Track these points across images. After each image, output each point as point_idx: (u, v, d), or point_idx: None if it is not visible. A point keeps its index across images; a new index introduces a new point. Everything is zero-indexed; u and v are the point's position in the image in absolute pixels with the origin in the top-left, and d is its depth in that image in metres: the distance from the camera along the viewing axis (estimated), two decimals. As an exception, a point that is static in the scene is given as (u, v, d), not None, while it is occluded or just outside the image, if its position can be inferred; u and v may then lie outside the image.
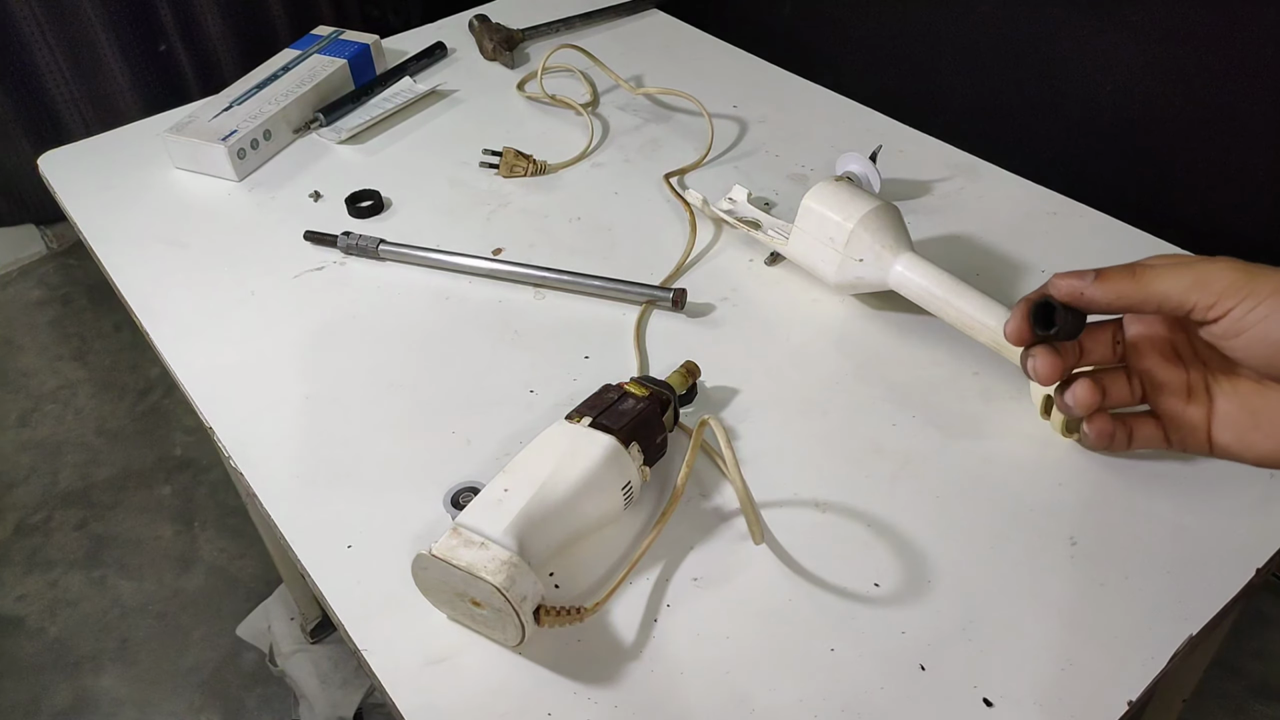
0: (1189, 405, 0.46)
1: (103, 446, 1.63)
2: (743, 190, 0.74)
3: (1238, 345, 0.40)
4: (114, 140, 0.88)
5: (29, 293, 1.97)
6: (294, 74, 0.90)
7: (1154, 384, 0.47)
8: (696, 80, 0.92)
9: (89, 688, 1.29)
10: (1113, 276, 0.42)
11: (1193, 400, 0.46)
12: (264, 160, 0.84)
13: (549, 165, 0.82)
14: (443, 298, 0.70)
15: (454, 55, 1.00)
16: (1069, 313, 0.43)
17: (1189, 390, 0.46)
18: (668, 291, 0.66)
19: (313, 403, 0.61)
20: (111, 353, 1.82)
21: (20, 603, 1.39)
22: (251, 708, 1.26)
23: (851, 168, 0.73)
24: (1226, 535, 0.52)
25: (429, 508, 0.54)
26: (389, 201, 0.79)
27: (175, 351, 0.66)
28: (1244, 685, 1.24)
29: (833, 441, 0.57)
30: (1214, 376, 0.45)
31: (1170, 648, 0.46)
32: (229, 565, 1.43)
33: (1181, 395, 0.46)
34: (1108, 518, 0.53)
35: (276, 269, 0.73)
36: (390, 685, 0.46)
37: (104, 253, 0.75)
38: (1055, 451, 0.57)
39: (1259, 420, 0.43)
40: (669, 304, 0.66)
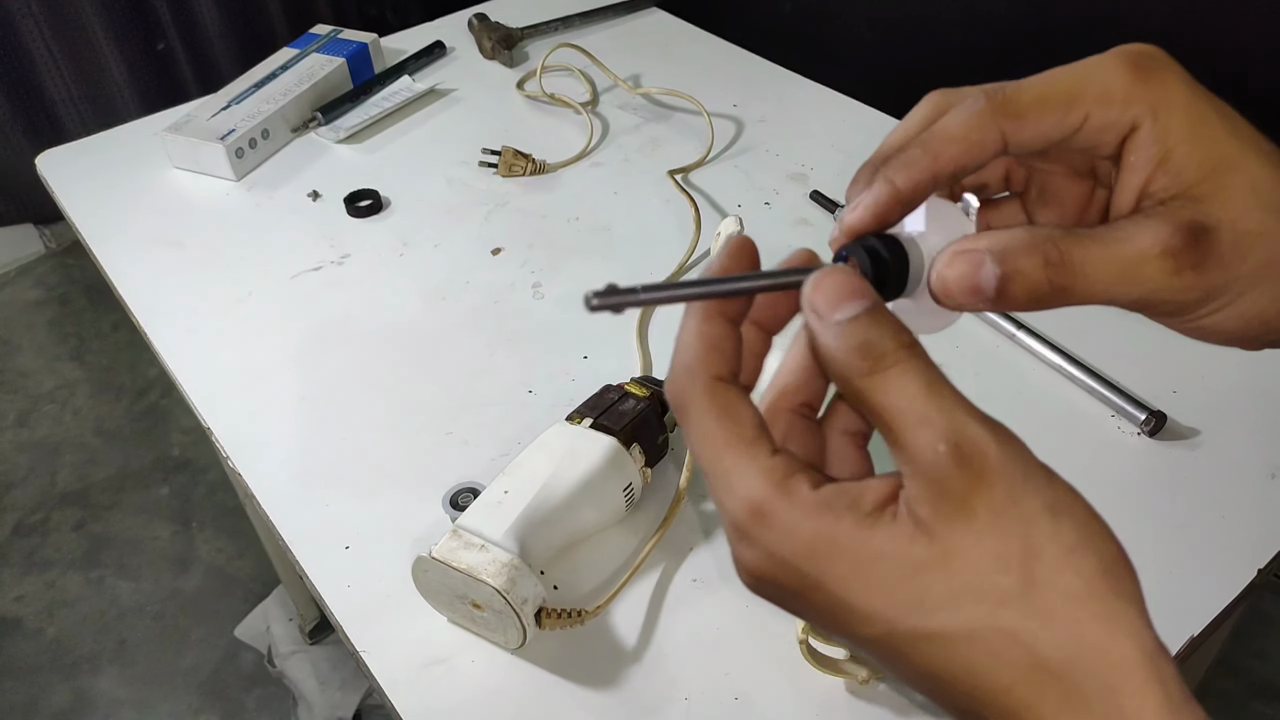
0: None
1: (101, 447, 1.63)
2: (734, 223, 0.67)
3: (1201, 327, 0.29)
4: (112, 139, 0.88)
5: (27, 292, 1.96)
6: (292, 73, 0.89)
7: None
8: (696, 79, 0.92)
9: (87, 688, 1.28)
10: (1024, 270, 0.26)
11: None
12: (262, 159, 0.84)
13: (548, 165, 0.82)
14: (440, 297, 0.69)
15: (453, 54, 1.00)
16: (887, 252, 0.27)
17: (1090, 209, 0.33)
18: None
19: (311, 403, 0.61)
20: (109, 353, 1.81)
21: (18, 603, 1.39)
22: (250, 709, 1.26)
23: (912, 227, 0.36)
24: (1228, 536, 0.51)
25: (428, 509, 0.53)
26: (387, 201, 0.79)
27: (173, 351, 0.65)
28: (1245, 685, 1.24)
29: (834, 442, 0.57)
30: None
31: (1172, 649, 0.46)
32: (227, 566, 1.43)
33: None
34: (1109, 518, 0.52)
35: (275, 269, 0.72)
36: (389, 687, 0.46)
37: (102, 252, 0.75)
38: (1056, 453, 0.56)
39: None
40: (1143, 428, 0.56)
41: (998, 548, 0.23)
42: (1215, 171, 0.27)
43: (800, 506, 0.24)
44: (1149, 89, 0.27)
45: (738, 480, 0.24)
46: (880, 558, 0.23)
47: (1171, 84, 0.27)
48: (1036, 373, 0.61)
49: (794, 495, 0.24)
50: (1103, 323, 0.64)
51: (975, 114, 0.28)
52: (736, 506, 0.24)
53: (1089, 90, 0.27)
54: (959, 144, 0.28)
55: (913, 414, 0.23)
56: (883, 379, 0.24)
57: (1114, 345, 0.62)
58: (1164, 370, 0.60)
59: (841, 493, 0.24)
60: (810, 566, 0.24)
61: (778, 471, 0.24)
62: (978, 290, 0.26)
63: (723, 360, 0.26)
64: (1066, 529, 0.23)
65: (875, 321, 0.24)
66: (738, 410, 0.25)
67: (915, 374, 0.24)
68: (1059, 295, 0.26)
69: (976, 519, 0.23)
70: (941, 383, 0.24)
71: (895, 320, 0.25)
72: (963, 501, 0.23)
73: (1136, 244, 0.26)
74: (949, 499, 0.23)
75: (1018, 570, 0.23)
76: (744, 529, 0.24)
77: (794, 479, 0.24)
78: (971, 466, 0.23)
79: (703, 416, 0.25)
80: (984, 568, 0.23)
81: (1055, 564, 0.23)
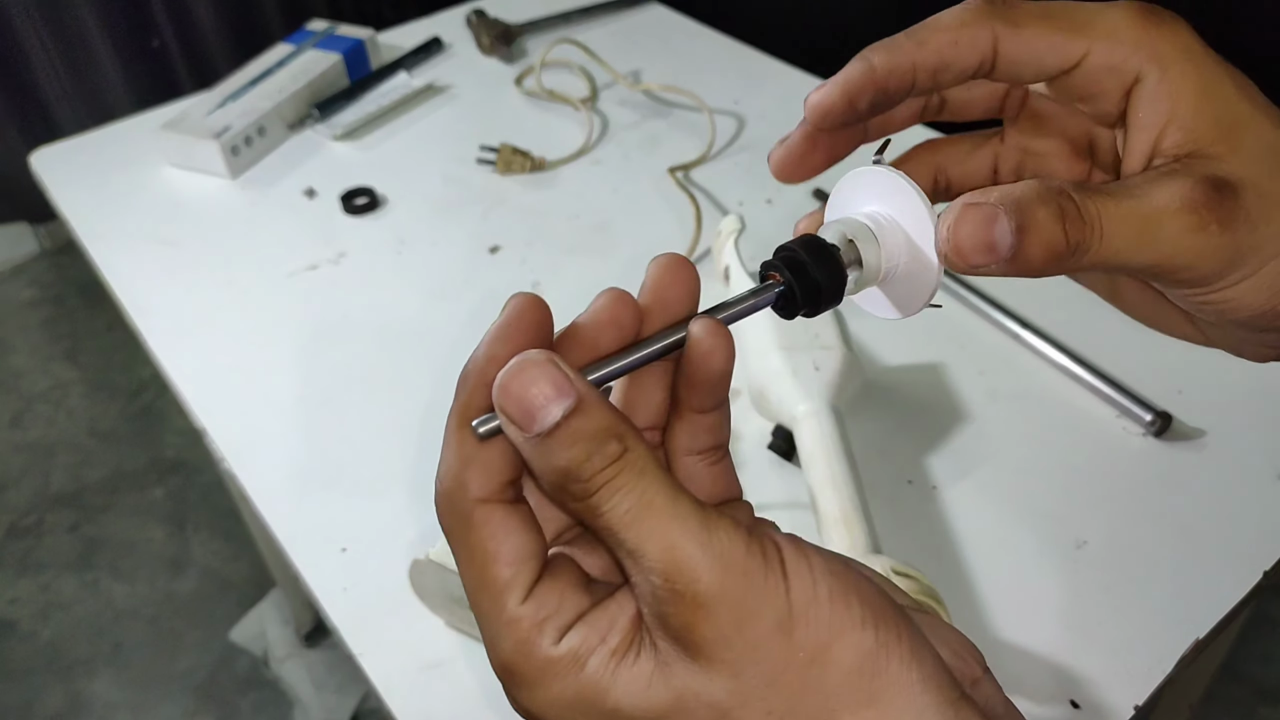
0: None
1: (95, 448, 1.62)
2: (734, 221, 0.66)
3: (1212, 309, 0.26)
4: (106, 137, 0.87)
5: (21, 292, 1.95)
6: (288, 69, 0.88)
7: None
8: (696, 75, 0.91)
9: (82, 692, 1.28)
10: (1041, 223, 0.23)
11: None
12: (258, 157, 0.83)
13: (547, 162, 0.81)
14: (438, 296, 0.69)
15: (450, 50, 0.99)
16: (815, 263, 0.25)
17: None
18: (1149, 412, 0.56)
19: (307, 403, 0.60)
20: (104, 353, 1.80)
21: (12, 606, 1.38)
22: (246, 712, 1.25)
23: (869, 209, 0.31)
24: (1233, 538, 0.51)
25: (425, 511, 0.53)
26: (384, 198, 0.78)
27: (167, 351, 0.65)
28: (1251, 689, 1.23)
29: (837, 442, 0.56)
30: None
31: (1177, 652, 0.46)
32: (222, 568, 1.42)
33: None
34: (1115, 521, 0.52)
35: (270, 267, 0.71)
36: (386, 691, 0.45)
37: (96, 251, 0.74)
38: (1061, 453, 0.56)
39: None
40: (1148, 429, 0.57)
41: (729, 684, 0.21)
42: (1231, 130, 0.25)
43: (542, 668, 0.22)
44: (1159, 38, 0.25)
45: (488, 632, 0.23)
46: (620, 712, 0.22)
47: (1182, 37, 0.26)
48: (1042, 373, 0.61)
49: (536, 655, 0.22)
50: (1108, 322, 0.64)
51: (969, 9, 0.26)
52: (491, 658, 0.23)
53: (1096, 25, 0.26)
54: (946, 34, 0.26)
55: (625, 545, 0.21)
56: (593, 504, 0.21)
57: (1120, 345, 0.61)
58: (1170, 371, 0.60)
59: (590, 634, 0.22)
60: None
61: (523, 624, 0.22)
62: (992, 248, 0.24)
63: (485, 476, 0.23)
64: (802, 639, 0.21)
65: (577, 432, 0.21)
66: (490, 546, 0.23)
67: (623, 494, 0.21)
68: (1076, 255, 0.24)
69: (702, 654, 0.21)
70: (651, 496, 0.21)
71: (601, 421, 0.21)
72: (687, 638, 0.21)
73: (1155, 199, 0.24)
74: (673, 635, 0.21)
75: (757, 704, 0.21)
76: (502, 682, 0.23)
77: (539, 631, 0.22)
78: (685, 600, 0.20)
79: (459, 550, 0.23)
80: (720, 706, 0.21)
81: (794, 688, 0.21)
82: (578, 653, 0.22)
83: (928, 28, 0.26)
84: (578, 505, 0.21)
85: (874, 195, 0.26)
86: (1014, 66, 0.26)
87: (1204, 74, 0.25)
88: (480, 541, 0.23)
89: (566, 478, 0.21)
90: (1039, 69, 0.26)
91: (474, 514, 0.23)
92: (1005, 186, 0.24)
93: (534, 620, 0.22)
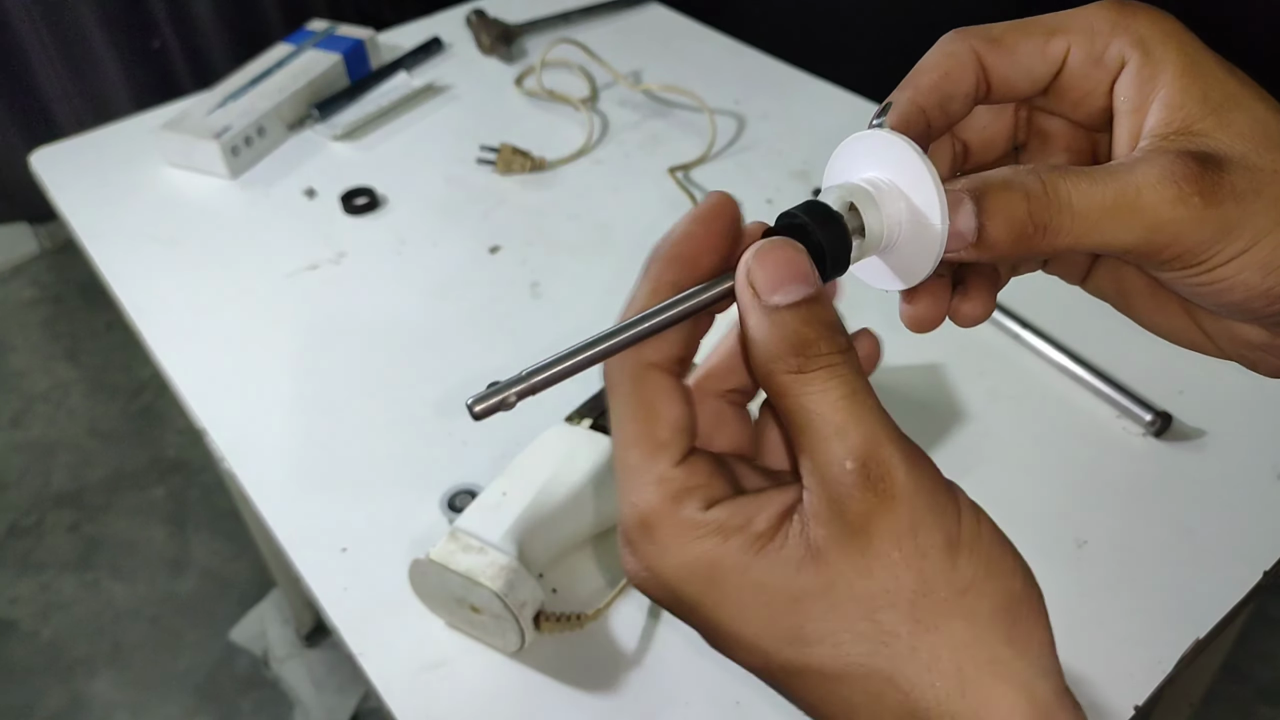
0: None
1: (95, 447, 1.62)
2: None
3: (1204, 292, 0.25)
4: (106, 137, 0.87)
5: (21, 292, 1.95)
6: (288, 69, 0.88)
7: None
8: (697, 75, 0.91)
9: (82, 691, 1.28)
10: (1003, 206, 0.24)
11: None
12: (258, 157, 0.83)
13: (547, 162, 0.81)
14: (439, 296, 0.68)
15: (450, 50, 0.99)
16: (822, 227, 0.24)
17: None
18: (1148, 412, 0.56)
19: (307, 403, 0.60)
20: (104, 352, 1.80)
21: (13, 606, 1.38)
22: (246, 712, 1.25)
23: (869, 174, 0.29)
24: (1233, 538, 0.51)
25: (425, 511, 0.53)
26: (384, 199, 0.78)
27: (167, 351, 0.65)
28: (1251, 689, 1.23)
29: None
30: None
31: (1177, 651, 0.46)
32: (222, 568, 1.42)
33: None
34: (1115, 521, 0.52)
35: (270, 267, 0.71)
36: (386, 690, 0.45)
37: (96, 250, 0.74)
38: (1062, 453, 0.56)
39: None
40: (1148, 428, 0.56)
41: (888, 582, 0.21)
42: (1220, 107, 0.24)
43: (686, 527, 0.23)
44: (1138, 23, 0.25)
45: (633, 484, 0.23)
46: (761, 587, 0.22)
47: (1163, 22, 0.25)
48: (1042, 373, 0.61)
49: (681, 514, 0.23)
50: (1109, 323, 0.64)
51: (946, 40, 0.27)
52: (627, 512, 0.23)
53: (1072, 24, 0.26)
54: (934, 71, 0.26)
55: (829, 423, 0.22)
56: (806, 380, 0.22)
57: (1120, 345, 0.61)
58: (1170, 371, 0.60)
59: (736, 512, 0.23)
60: (687, 589, 0.23)
61: (674, 483, 0.23)
62: (957, 234, 0.24)
63: (662, 346, 0.24)
64: (963, 567, 0.22)
65: (814, 315, 0.22)
66: (657, 406, 0.24)
67: (840, 380, 0.22)
68: (1045, 235, 0.23)
69: (870, 547, 0.21)
70: (864, 394, 0.22)
71: (834, 316, 0.23)
72: (861, 526, 0.21)
73: (1135, 175, 0.23)
74: (847, 521, 0.21)
75: (905, 609, 0.21)
76: (629, 536, 0.24)
77: (689, 494, 0.23)
78: (876, 489, 0.21)
79: (621, 405, 0.24)
80: (870, 603, 0.21)
81: (945, 607, 0.21)
82: (724, 524, 0.22)
83: (917, 72, 0.27)
84: (791, 378, 0.22)
85: (873, 161, 0.25)
86: (1007, 82, 0.26)
87: (1188, 53, 0.25)
88: (647, 399, 0.24)
89: (794, 348, 0.22)
90: (1030, 78, 0.26)
91: (647, 374, 0.24)
92: (978, 174, 0.24)
93: (685, 484, 0.23)
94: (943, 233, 0.24)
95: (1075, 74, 0.26)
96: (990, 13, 0.39)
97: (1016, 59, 0.26)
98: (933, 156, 0.27)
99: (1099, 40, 0.25)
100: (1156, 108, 0.25)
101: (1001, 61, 0.26)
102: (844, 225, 0.24)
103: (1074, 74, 0.26)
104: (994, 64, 0.26)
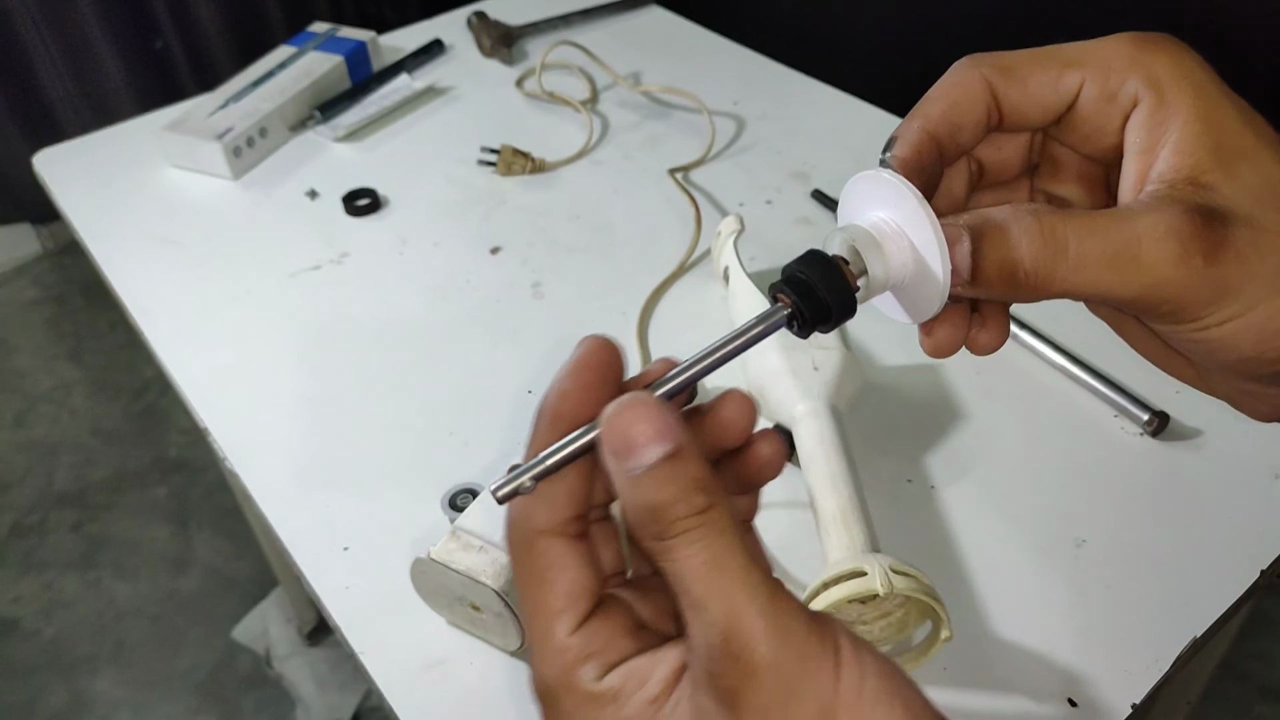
0: None
1: (98, 447, 1.62)
2: (734, 221, 0.66)
3: (1200, 344, 0.25)
4: (109, 138, 0.87)
5: (24, 292, 1.96)
6: (290, 71, 0.89)
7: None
8: (696, 76, 0.92)
9: (85, 690, 1.28)
10: (1000, 246, 0.23)
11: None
12: (260, 158, 0.84)
13: (547, 163, 0.82)
14: (440, 296, 0.69)
15: (451, 52, 0.99)
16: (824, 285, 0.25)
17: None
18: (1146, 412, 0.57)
19: (309, 403, 0.61)
20: (107, 352, 1.81)
21: (15, 604, 1.38)
22: (248, 711, 1.25)
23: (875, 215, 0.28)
24: (1230, 537, 0.51)
25: (427, 510, 0.53)
26: (386, 199, 0.78)
27: (170, 351, 0.65)
28: (1249, 688, 1.23)
29: (835, 442, 0.57)
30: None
31: (1174, 650, 0.46)
32: (224, 567, 1.43)
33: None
34: (1113, 520, 0.52)
35: (272, 268, 0.72)
36: (387, 689, 0.45)
37: (99, 251, 0.74)
38: (1059, 453, 0.56)
39: None
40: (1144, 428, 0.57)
41: None
42: (1229, 159, 0.23)
43: (583, 699, 0.23)
44: (1155, 62, 0.24)
45: (537, 652, 0.24)
46: None
47: (1180, 59, 0.24)
48: (1039, 372, 0.61)
49: (580, 685, 0.23)
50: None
51: (958, 68, 0.26)
52: (535, 679, 0.24)
53: (1088, 58, 0.25)
54: (944, 100, 0.26)
55: (691, 594, 0.21)
56: (667, 546, 0.21)
57: (1117, 344, 0.61)
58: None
59: (629, 676, 0.23)
60: None
61: (570, 653, 0.23)
62: (956, 270, 0.23)
63: (550, 510, 0.24)
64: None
65: (674, 474, 0.21)
66: (549, 575, 0.23)
67: (701, 546, 0.21)
68: (1041, 280, 0.23)
69: (743, 719, 0.21)
70: (727, 557, 0.21)
71: (698, 471, 0.22)
72: (732, 699, 0.21)
73: (1138, 225, 0.23)
74: (719, 694, 0.21)
75: None
76: (540, 701, 0.24)
77: (585, 662, 0.23)
78: (739, 662, 0.21)
79: (518, 575, 0.24)
80: None
81: None
82: (618, 692, 0.22)
83: (927, 101, 0.26)
84: (654, 544, 0.22)
85: (879, 201, 0.25)
86: (1019, 112, 0.26)
87: (1204, 99, 0.24)
88: (539, 570, 0.23)
89: (651, 516, 0.21)
90: (1042, 110, 0.26)
91: (536, 543, 0.23)
92: (980, 211, 0.24)
93: (580, 652, 0.23)
94: (945, 278, 0.24)
95: (1087, 109, 0.25)
96: (989, 13, 0.38)
97: (1029, 90, 0.26)
98: (948, 177, 0.28)
99: (1114, 77, 0.25)
100: (1166, 153, 0.24)
101: (1013, 91, 0.26)
102: (846, 274, 0.24)
103: (1086, 109, 0.25)
104: (1005, 94, 0.26)
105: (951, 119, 0.26)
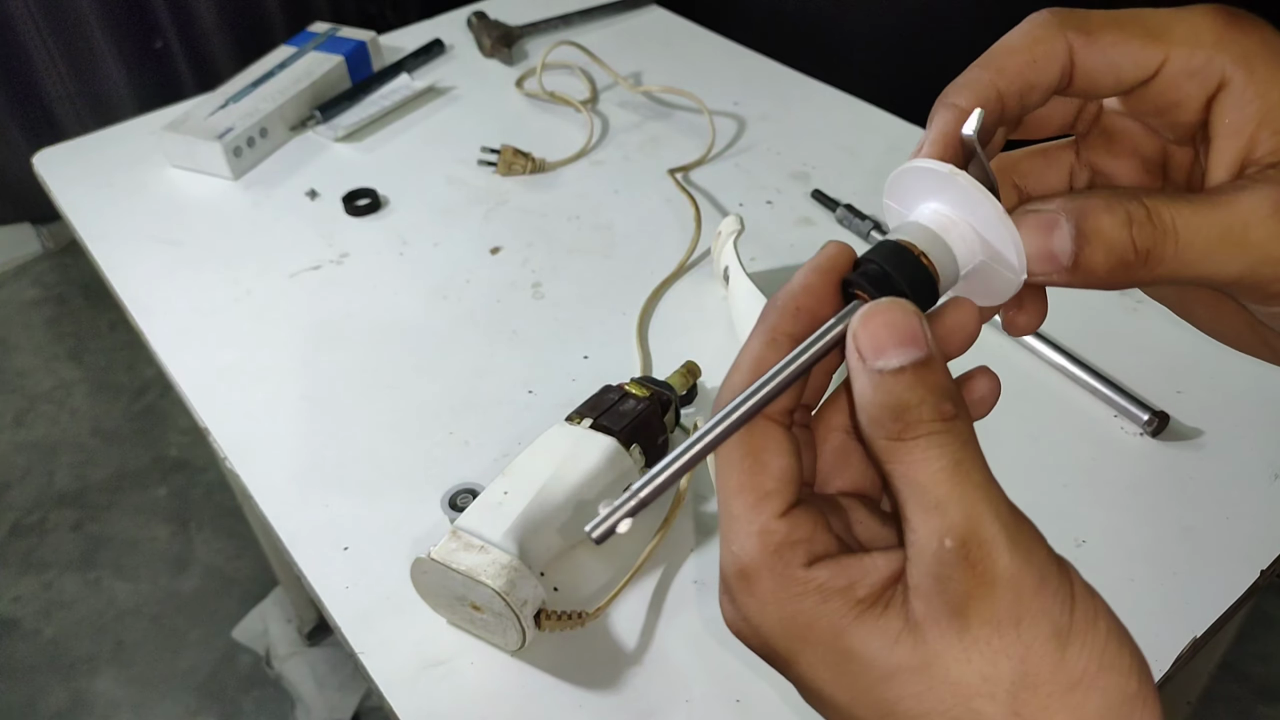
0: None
1: (98, 447, 1.62)
2: (734, 222, 0.65)
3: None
4: (109, 138, 0.87)
5: (25, 292, 1.96)
6: (290, 71, 0.89)
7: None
8: (696, 77, 0.92)
9: (84, 690, 1.28)
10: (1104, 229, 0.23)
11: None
12: (260, 158, 0.84)
13: (547, 163, 0.82)
14: (440, 297, 0.69)
15: (451, 52, 0.99)
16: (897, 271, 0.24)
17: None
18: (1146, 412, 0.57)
19: (309, 403, 0.61)
20: (107, 352, 1.81)
21: (15, 604, 1.38)
22: (248, 711, 1.25)
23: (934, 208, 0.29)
24: (1230, 537, 0.51)
25: (427, 510, 0.53)
26: (386, 200, 0.78)
27: (171, 351, 0.65)
28: (1250, 688, 1.23)
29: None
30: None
31: (1174, 650, 0.46)
32: (225, 567, 1.43)
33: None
34: (1113, 520, 0.52)
35: (273, 268, 0.72)
36: (387, 689, 0.45)
37: (99, 251, 0.74)
38: (1059, 453, 0.56)
39: None
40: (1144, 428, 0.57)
41: (986, 669, 0.20)
42: None
43: (785, 583, 0.22)
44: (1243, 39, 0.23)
45: (736, 532, 0.23)
46: (853, 656, 0.21)
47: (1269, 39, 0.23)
48: (1039, 372, 0.61)
49: (784, 569, 0.22)
50: (1106, 321, 0.64)
51: (1039, 23, 0.24)
52: (727, 560, 0.23)
53: (1173, 29, 0.24)
54: (1021, 55, 0.24)
55: (928, 496, 0.21)
56: (907, 448, 0.21)
57: (1117, 345, 0.62)
58: (1167, 370, 0.60)
59: (838, 573, 0.22)
60: (782, 645, 0.22)
61: (776, 536, 0.22)
62: (1051, 256, 0.23)
63: None
64: (1073, 659, 0.20)
65: (920, 379, 0.21)
66: (764, 456, 0.23)
67: (943, 450, 0.21)
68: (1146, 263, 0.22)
69: (969, 631, 0.20)
70: (970, 465, 0.21)
71: (944, 380, 0.22)
72: (959, 608, 0.20)
73: (1242, 205, 0.22)
74: (946, 600, 0.20)
75: (1004, 701, 0.20)
76: (728, 584, 0.23)
77: (791, 549, 0.22)
78: (975, 571, 0.20)
79: (729, 451, 0.23)
80: (966, 690, 0.20)
81: (1049, 701, 0.20)
82: (824, 585, 0.22)
83: (1002, 52, 0.25)
84: (890, 443, 0.21)
85: (932, 193, 0.25)
86: (1091, 79, 0.25)
87: None
88: (755, 448, 0.23)
89: (894, 414, 0.21)
90: (1117, 80, 0.25)
91: (756, 422, 0.23)
92: (1070, 195, 0.23)
93: (788, 537, 0.22)
94: (1020, 271, 0.24)
95: (1168, 84, 0.24)
96: (993, 10, 0.37)
97: (1108, 57, 0.24)
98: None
99: (1199, 54, 0.23)
100: (1265, 133, 0.23)
101: (1091, 56, 0.24)
102: (925, 268, 0.24)
103: (1167, 83, 0.24)
104: (1084, 60, 0.24)
105: (1027, 77, 0.24)
